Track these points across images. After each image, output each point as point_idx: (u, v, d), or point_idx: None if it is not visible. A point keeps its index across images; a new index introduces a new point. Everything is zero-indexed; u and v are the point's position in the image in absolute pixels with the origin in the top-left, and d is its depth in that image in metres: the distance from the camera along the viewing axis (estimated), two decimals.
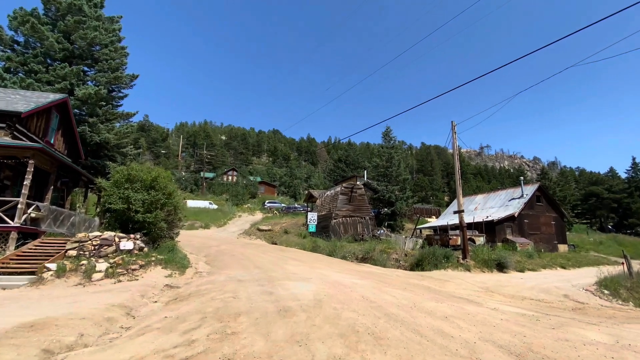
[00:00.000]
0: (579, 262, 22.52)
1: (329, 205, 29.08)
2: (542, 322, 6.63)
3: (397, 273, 14.39)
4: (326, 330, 5.17)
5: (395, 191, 35.99)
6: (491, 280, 13.83)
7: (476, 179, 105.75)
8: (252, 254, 16.66)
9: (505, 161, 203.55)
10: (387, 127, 40.80)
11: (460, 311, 7.01)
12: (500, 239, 26.78)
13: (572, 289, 12.13)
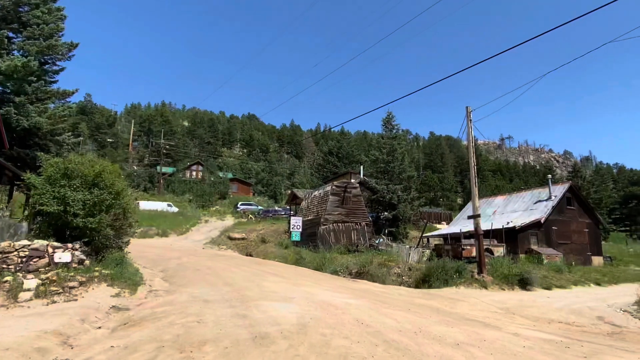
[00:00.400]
0: (616, 277, 23.09)
1: (317, 208, 29.14)
2: (572, 349, 6.80)
3: (400, 291, 14.53)
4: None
5: (397, 191, 36.22)
6: (512, 299, 14.10)
7: (495, 177, 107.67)
8: (221, 268, 16.50)
9: (531, 156, 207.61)
10: (388, 112, 40.88)
11: (474, 337, 7.12)
12: (523, 250, 27.32)
13: (608, 309, 12.50)
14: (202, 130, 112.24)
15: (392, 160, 37.83)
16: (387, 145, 38.61)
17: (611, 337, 8.94)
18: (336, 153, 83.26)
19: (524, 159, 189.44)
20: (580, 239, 32.79)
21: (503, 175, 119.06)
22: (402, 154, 39.43)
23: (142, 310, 7.96)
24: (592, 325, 10.45)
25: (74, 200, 11.05)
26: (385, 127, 40.33)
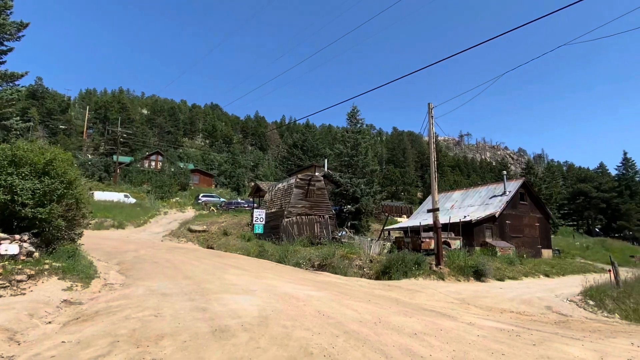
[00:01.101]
0: (563, 269, 24.31)
1: (281, 200, 29.01)
2: (522, 337, 7.11)
3: (361, 283, 14.74)
4: (272, 353, 5.15)
5: (361, 185, 36.56)
6: (467, 290, 14.61)
7: (454, 172, 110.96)
8: (181, 261, 16.07)
9: (487, 152, 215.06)
10: (353, 106, 41.02)
11: (432, 327, 7.32)
12: (478, 243, 28.32)
13: (556, 299, 13.17)
14: (162, 119, 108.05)
15: (356, 154, 38.07)
16: (352, 139, 38.81)
17: (558, 325, 9.41)
18: (301, 146, 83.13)
19: (481, 155, 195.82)
20: (531, 232, 34.39)
21: (461, 170, 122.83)
22: (366, 148, 39.72)
23: (95, 304, 7.65)
24: (541, 315, 10.99)
25: (23, 189, 10.43)
26: (350, 121, 40.47)
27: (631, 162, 70.60)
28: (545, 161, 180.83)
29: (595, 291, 13.51)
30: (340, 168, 39.04)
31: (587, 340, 7.30)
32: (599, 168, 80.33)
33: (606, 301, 12.83)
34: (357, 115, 40.15)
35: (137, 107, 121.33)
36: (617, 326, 10.23)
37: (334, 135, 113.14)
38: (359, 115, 40.18)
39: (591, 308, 12.40)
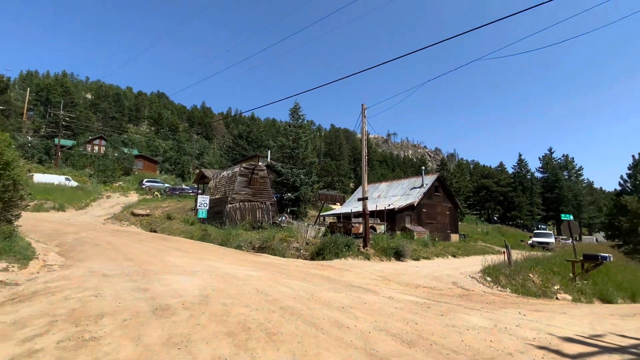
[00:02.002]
0: (468, 251, 25.66)
1: (225, 187, 28.25)
2: (432, 309, 7.53)
3: (297, 263, 14.77)
4: (212, 329, 5.01)
5: (300, 175, 36.59)
6: (389, 268, 15.08)
7: (381, 167, 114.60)
8: (123, 243, 15.00)
9: (410, 150, 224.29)
10: (295, 103, 40.74)
11: (357, 301, 7.52)
12: (399, 228, 29.52)
13: (461, 276, 13.93)
14: (106, 104, 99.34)
15: (297, 147, 38.00)
16: (293, 133, 38.65)
17: (462, 298, 10.06)
18: (246, 137, 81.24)
19: (404, 152, 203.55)
20: (443, 219, 36.43)
21: (387, 165, 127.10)
22: (306, 141, 39.72)
23: (33, 285, 6.96)
24: (448, 289, 11.63)
25: None
26: (292, 117, 40.22)
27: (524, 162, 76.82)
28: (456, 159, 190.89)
29: (491, 270, 14.52)
30: (282, 159, 38.78)
31: (484, 311, 7.88)
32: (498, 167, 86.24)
33: (500, 278, 13.85)
34: (298, 112, 39.98)
35: (81, 92, 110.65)
36: (508, 298, 11.17)
37: (277, 128, 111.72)
38: (300, 112, 40.03)
39: (488, 284, 13.29)
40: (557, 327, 6.75)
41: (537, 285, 13.78)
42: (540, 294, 13.09)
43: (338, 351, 4.51)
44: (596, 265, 15.27)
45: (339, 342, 4.85)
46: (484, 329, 6.11)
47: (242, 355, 4.20)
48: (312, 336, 5.01)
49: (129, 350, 4.14)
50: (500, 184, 72.13)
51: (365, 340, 5.00)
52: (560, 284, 14.18)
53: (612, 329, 7.11)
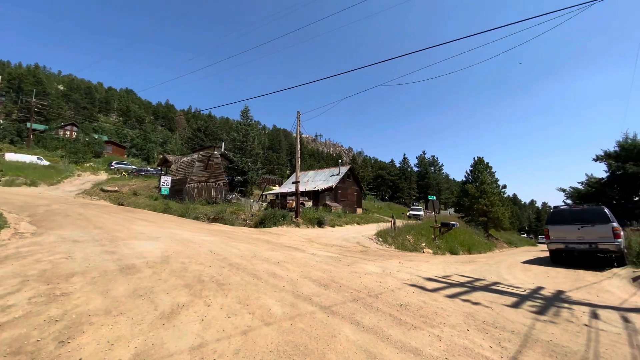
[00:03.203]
0: (368, 220, 26.78)
1: (185, 170, 26.29)
2: (342, 261, 7.83)
3: (244, 230, 14.38)
4: (172, 282, 4.69)
5: (248, 163, 35.48)
6: (313, 233, 15.32)
7: (311, 159, 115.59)
8: (93, 214, 13.24)
9: (331, 148, 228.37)
10: (245, 106, 39.35)
11: (289, 257, 7.56)
12: (322, 204, 30.15)
13: (362, 238, 14.55)
14: (78, 95, 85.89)
15: (246, 141, 36.68)
16: (243, 130, 37.24)
17: (362, 253, 10.58)
18: (204, 130, 75.83)
19: (327, 149, 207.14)
20: (352, 198, 37.96)
21: (315, 158, 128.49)
22: (254, 137, 38.49)
23: (4, 251, 5.87)
24: (354, 247, 12.07)
25: None
26: (242, 117, 38.69)
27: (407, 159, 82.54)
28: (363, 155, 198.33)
29: (382, 233, 15.45)
30: (234, 150, 37.20)
31: (377, 261, 8.40)
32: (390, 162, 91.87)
33: (388, 238, 14.77)
34: (248, 113, 38.58)
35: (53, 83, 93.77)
36: (393, 253, 12.00)
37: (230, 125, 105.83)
38: (249, 113, 38.68)
39: (380, 243, 14.12)
40: (423, 271, 7.45)
41: (412, 243, 14.99)
42: (413, 249, 14.27)
43: (273, 294, 4.51)
44: (448, 230, 17.08)
45: (274, 288, 4.85)
46: (376, 273, 6.53)
47: (197, 301, 4.01)
48: (253, 285, 4.94)
49: (98, 302, 3.72)
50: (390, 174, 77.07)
51: (293, 285, 5.06)
52: (426, 242, 15.59)
53: (455, 271, 8.04)
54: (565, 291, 6.17)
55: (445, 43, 7.75)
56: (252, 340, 3.07)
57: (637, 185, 19.89)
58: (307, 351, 2.88)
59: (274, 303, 4.14)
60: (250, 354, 2.81)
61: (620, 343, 3.53)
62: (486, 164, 31.73)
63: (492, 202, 27.25)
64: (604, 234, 9.18)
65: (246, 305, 4.00)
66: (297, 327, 3.41)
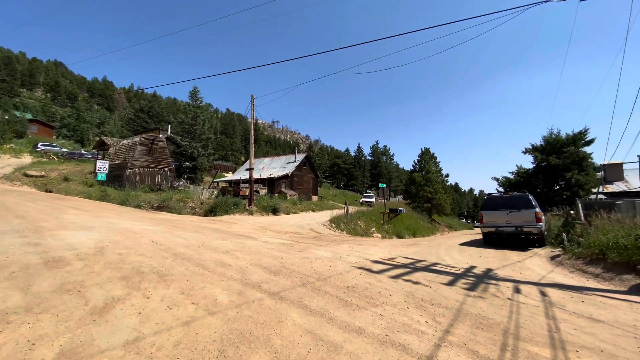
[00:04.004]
0: (323, 207, 27.20)
1: (125, 154, 24.07)
2: (294, 247, 7.88)
3: (192, 219, 13.70)
4: (106, 275, 4.30)
5: (198, 148, 33.65)
6: (267, 221, 15.16)
7: (267, 146, 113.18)
8: (14, 202, 11.62)
9: (288, 135, 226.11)
10: (194, 86, 36.93)
11: (240, 245, 7.39)
12: (277, 191, 29.89)
13: (316, 224, 14.83)
14: None
15: (195, 124, 34.64)
16: (192, 112, 35.07)
17: (315, 239, 10.78)
18: (147, 111, 69.49)
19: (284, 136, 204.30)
20: (308, 185, 38.23)
21: (272, 145, 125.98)
22: (204, 120, 36.44)
23: None
24: (307, 233, 12.27)
25: None
26: (191, 98, 36.32)
27: (361, 149, 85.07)
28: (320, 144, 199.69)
29: (335, 219, 15.91)
30: (182, 133, 34.86)
31: (328, 246, 8.60)
32: (345, 151, 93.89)
33: (341, 224, 15.27)
34: (197, 94, 36.29)
35: None
36: (344, 238, 12.40)
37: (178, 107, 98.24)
38: (199, 94, 36.40)
39: (333, 229, 14.54)
40: (371, 254, 7.82)
41: (362, 228, 15.66)
42: (364, 234, 14.94)
43: (220, 283, 4.38)
44: (396, 215, 18.11)
45: (221, 277, 4.72)
46: (327, 258, 6.70)
47: (134, 294, 3.74)
48: (199, 274, 4.75)
49: (17, 298, 3.29)
50: (346, 163, 78.92)
51: (242, 273, 4.98)
52: (376, 227, 16.40)
53: (400, 253, 8.57)
54: (493, 269, 6.94)
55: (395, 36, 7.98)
56: (194, 330, 2.96)
57: (558, 175, 22.88)
58: (252, 338, 2.86)
59: (221, 292, 4.03)
60: (192, 344, 2.72)
61: (537, 314, 4.07)
62: (432, 155, 34.01)
63: (436, 190, 29.42)
64: (528, 218, 10.46)
65: (190, 296, 3.84)
66: (244, 314, 3.37)
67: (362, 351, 2.72)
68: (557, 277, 6.52)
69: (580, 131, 23.33)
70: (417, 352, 2.77)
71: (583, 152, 22.49)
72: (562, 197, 20.92)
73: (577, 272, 6.93)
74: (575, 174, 21.42)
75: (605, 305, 4.59)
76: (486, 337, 3.19)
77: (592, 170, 22.06)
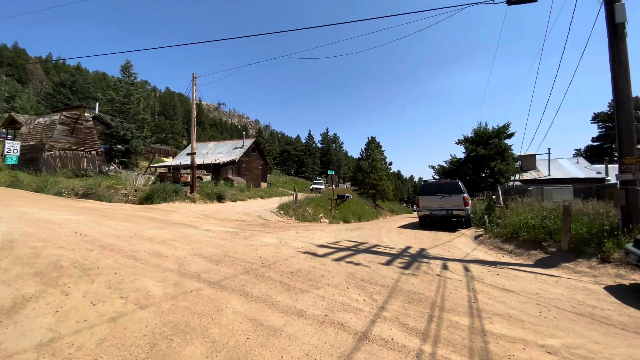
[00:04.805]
0: (272, 194, 27.15)
1: (42, 134, 20.88)
2: (239, 235, 7.71)
3: (124, 207, 12.53)
4: (16, 271, 3.75)
5: (132, 129, 30.54)
6: (211, 208, 14.56)
7: (212, 129, 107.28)
8: None
9: (236, 119, 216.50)
10: (127, 60, 33.08)
11: (179, 235, 6.99)
12: (223, 178, 28.77)
13: (264, 211, 14.72)
14: None
15: (128, 103, 31.25)
16: (125, 88, 31.50)
17: (262, 226, 10.68)
18: (70, 86, 60.88)
19: (231, 120, 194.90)
20: (256, 172, 37.44)
21: (217, 129, 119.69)
22: (138, 98, 33.04)
23: None
24: (254, 221, 12.09)
25: None
26: (124, 73, 32.53)
27: (312, 136, 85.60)
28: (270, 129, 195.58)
29: (284, 206, 15.94)
30: (112, 112, 31.22)
31: (275, 233, 8.59)
32: (296, 138, 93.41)
33: (289, 211, 15.35)
34: (131, 69, 32.64)
35: None
36: (293, 224, 12.49)
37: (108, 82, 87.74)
38: (133, 70, 32.77)
39: (282, 215, 14.57)
40: (317, 239, 8.01)
41: (311, 214, 15.94)
42: (312, 219, 15.23)
43: (155, 275, 4.12)
44: (343, 201, 18.76)
45: (156, 268, 4.43)
46: (273, 244, 6.69)
47: (51, 291, 3.34)
48: (130, 267, 4.40)
49: None
50: (296, 150, 78.75)
51: (180, 264, 4.73)
52: (324, 213, 16.83)
53: (345, 237, 8.93)
54: (426, 249, 7.62)
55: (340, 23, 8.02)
56: (122, 326, 2.76)
57: (484, 164, 25.69)
58: (188, 329, 2.76)
59: (155, 284, 3.79)
60: (119, 341, 2.53)
61: (460, 288, 4.58)
62: (377, 144, 35.63)
63: (380, 177, 31.07)
64: (457, 202, 11.63)
65: (118, 290, 3.54)
66: (180, 306, 3.22)
67: (301, 332, 2.80)
68: (479, 254, 7.41)
69: (504, 125, 26.39)
70: (354, 329, 2.94)
71: (505, 144, 25.55)
72: (487, 184, 23.63)
73: (495, 249, 7.95)
74: (498, 164, 24.29)
75: (516, 277, 5.35)
76: (416, 311, 3.52)
77: (511, 160, 25.23)
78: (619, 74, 6.30)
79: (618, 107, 6.40)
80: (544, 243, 7.05)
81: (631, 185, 6.16)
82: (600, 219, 6.93)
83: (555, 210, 7.83)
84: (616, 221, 6.49)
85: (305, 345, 2.59)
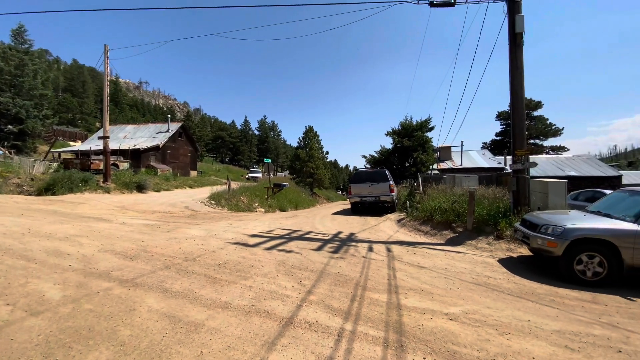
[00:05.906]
0: (202, 183, 25.48)
1: None
2: (161, 228, 7.11)
3: (17, 199, 10.51)
4: None
5: (28, 107, 25.51)
6: (129, 199, 13.10)
7: (132, 111, 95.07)
8: None
9: (161, 100, 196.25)
10: (19, 24, 27.27)
11: (86, 230, 6.15)
12: (145, 165, 26.11)
13: (192, 202, 13.73)
14: None
15: (21, 75, 25.97)
16: (16, 58, 26.00)
17: (190, 217, 10.00)
18: None
19: (155, 101, 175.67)
20: (185, 159, 34.80)
21: (139, 110, 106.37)
22: (35, 71, 27.64)
23: None
24: (180, 212, 11.22)
25: None
26: (15, 40, 26.81)
27: (248, 122, 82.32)
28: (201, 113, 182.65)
29: (216, 195, 15.14)
30: (1, 86, 25.55)
31: (203, 225, 8.12)
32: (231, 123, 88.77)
33: (222, 201, 14.65)
34: (24, 35, 27.01)
35: None
36: (224, 214, 11.97)
37: None
38: (27, 35, 27.16)
39: (213, 206, 13.81)
40: (250, 229, 7.84)
41: (245, 204, 15.51)
42: (247, 209, 14.83)
43: (52, 277, 3.57)
44: (280, 190, 18.69)
45: (54, 268, 3.84)
46: (199, 237, 6.33)
47: None
48: (20, 268, 3.74)
49: None
50: (231, 136, 74.97)
51: (86, 262, 4.18)
52: (259, 202, 16.54)
53: (279, 225, 8.92)
54: (355, 233, 8.08)
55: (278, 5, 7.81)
56: (8, 337, 2.35)
57: (409, 154, 28.07)
58: (91, 334, 2.46)
59: (52, 287, 3.29)
60: (3, 354, 2.15)
61: (382, 267, 4.97)
62: (315, 133, 36.13)
63: (317, 166, 31.73)
64: (384, 189, 12.54)
65: (3, 296, 2.99)
66: (83, 309, 2.86)
67: (225, 325, 2.74)
68: (400, 235, 8.14)
69: (426, 120, 29.10)
70: (280, 316, 2.98)
71: (426, 136, 28.26)
72: (411, 172, 25.97)
73: (414, 231, 8.82)
74: (420, 154, 26.81)
75: (429, 255, 6.03)
76: (341, 292, 3.72)
77: (431, 151, 28.07)
78: (515, 78, 7.40)
79: (513, 107, 7.55)
80: (454, 224, 8.08)
81: (521, 174, 7.38)
82: (497, 202, 8.21)
83: (463, 196, 8.99)
84: (509, 204, 7.77)
85: (227, 337, 2.54)
